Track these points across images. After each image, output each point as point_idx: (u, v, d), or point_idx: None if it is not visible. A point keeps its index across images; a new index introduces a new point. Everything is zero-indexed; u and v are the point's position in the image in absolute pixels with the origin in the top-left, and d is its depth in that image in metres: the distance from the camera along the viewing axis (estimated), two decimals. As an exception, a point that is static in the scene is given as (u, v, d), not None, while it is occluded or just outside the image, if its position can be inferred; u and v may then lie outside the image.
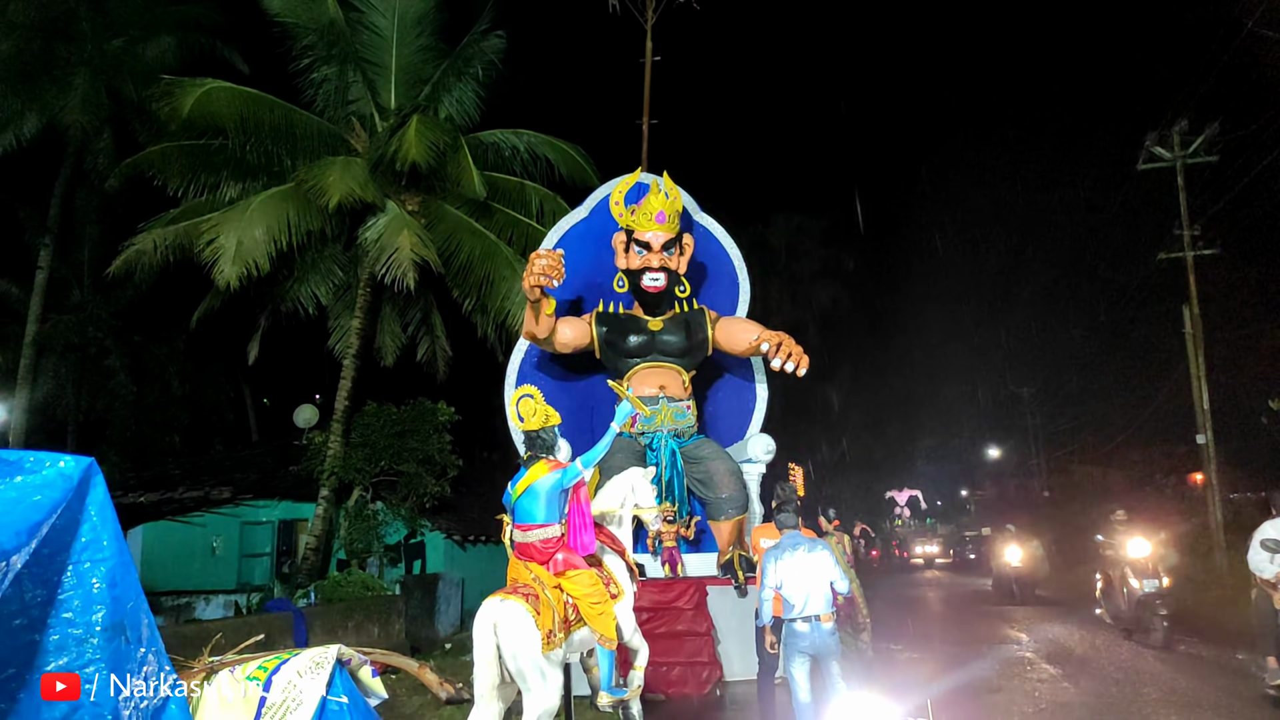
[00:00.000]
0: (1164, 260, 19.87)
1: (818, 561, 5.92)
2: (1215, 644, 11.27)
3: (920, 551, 35.51)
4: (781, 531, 6.25)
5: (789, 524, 6.24)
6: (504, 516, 5.18)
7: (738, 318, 11.08)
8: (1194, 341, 18.96)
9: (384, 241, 14.06)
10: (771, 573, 5.98)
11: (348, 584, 12.68)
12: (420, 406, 15.10)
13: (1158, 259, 20.08)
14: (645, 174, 11.31)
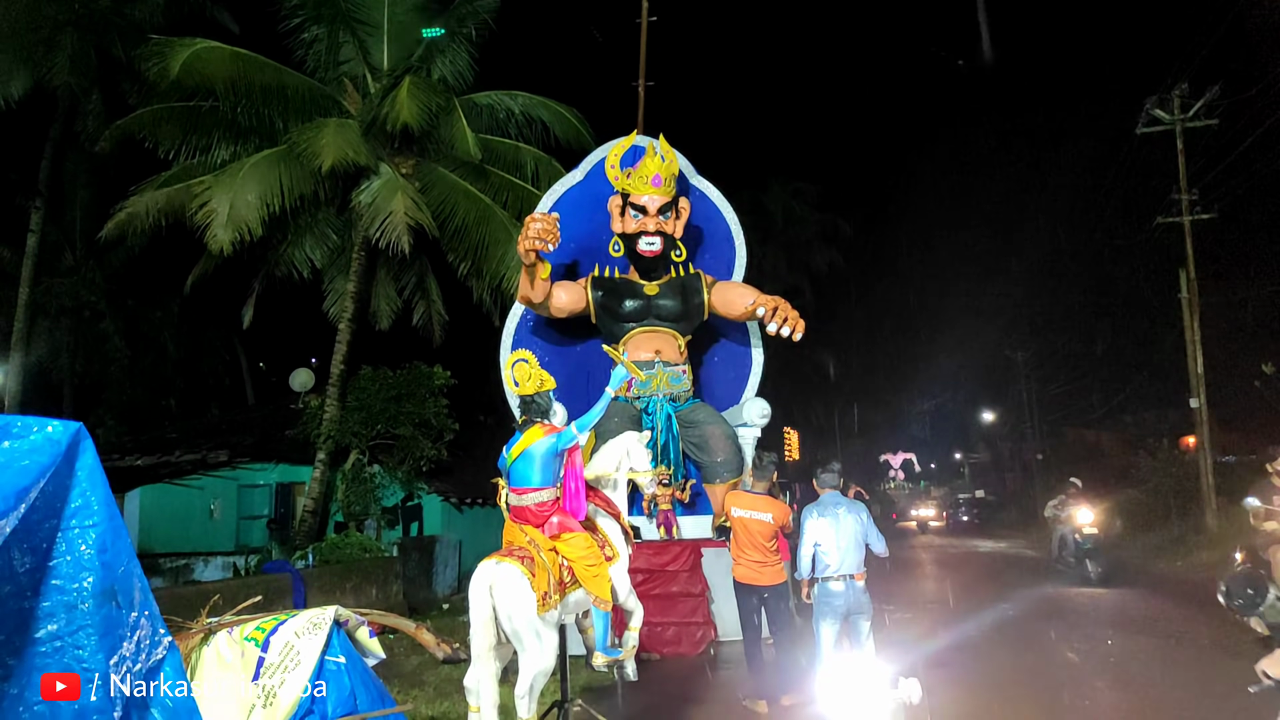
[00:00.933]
0: (1161, 225, 19.80)
1: (855, 522, 6.05)
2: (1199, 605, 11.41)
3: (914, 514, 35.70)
4: (822, 490, 6.34)
5: (830, 484, 6.33)
6: (499, 480, 5.18)
7: (734, 282, 11.04)
8: (1189, 306, 18.96)
9: (378, 205, 13.95)
10: (811, 529, 6.09)
11: (345, 546, 12.76)
12: (416, 371, 15.09)
13: (1155, 224, 20.01)
14: (641, 137, 11.20)
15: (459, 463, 16.39)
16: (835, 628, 6.07)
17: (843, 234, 33.37)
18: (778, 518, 6.59)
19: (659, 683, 7.65)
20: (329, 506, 15.00)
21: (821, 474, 6.41)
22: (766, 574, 6.63)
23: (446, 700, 6.90)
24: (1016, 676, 7.33)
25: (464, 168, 15.09)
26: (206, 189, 13.36)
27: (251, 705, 4.74)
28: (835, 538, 6.03)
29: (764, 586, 6.64)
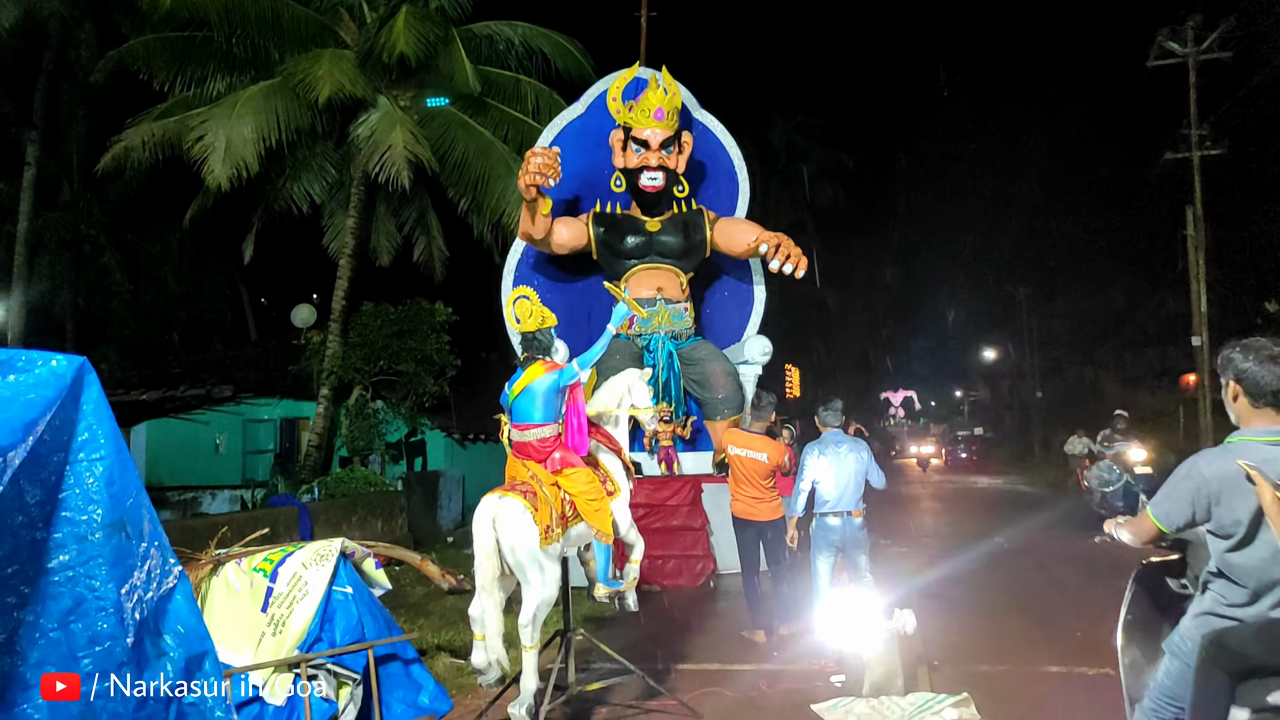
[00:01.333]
0: (1169, 161, 19.53)
1: (856, 460, 6.13)
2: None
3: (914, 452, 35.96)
4: (824, 429, 6.40)
5: (832, 422, 6.39)
6: (502, 416, 5.21)
7: (736, 219, 10.95)
8: (1195, 244, 18.81)
9: (376, 138, 13.77)
10: (810, 467, 6.18)
11: (350, 480, 12.92)
12: (417, 307, 15.08)
13: (1163, 159, 19.73)
14: (643, 69, 10.98)
15: (461, 399, 16.49)
16: (831, 562, 6.19)
17: (846, 169, 33.02)
18: (772, 457, 6.66)
19: (659, 613, 7.82)
20: (333, 441, 15.14)
21: (823, 412, 6.46)
22: (763, 509, 6.73)
23: (452, 629, 7.06)
24: (1008, 607, 7.49)
25: (463, 101, 14.86)
26: (203, 122, 13.18)
27: (261, 633, 4.86)
28: (835, 476, 6.11)
29: (761, 521, 6.74)
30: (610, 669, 5.43)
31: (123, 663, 1.92)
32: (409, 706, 5.09)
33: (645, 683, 5.20)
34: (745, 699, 5.37)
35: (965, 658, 6.03)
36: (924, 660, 5.60)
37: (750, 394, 10.24)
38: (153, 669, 2.00)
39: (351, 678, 4.85)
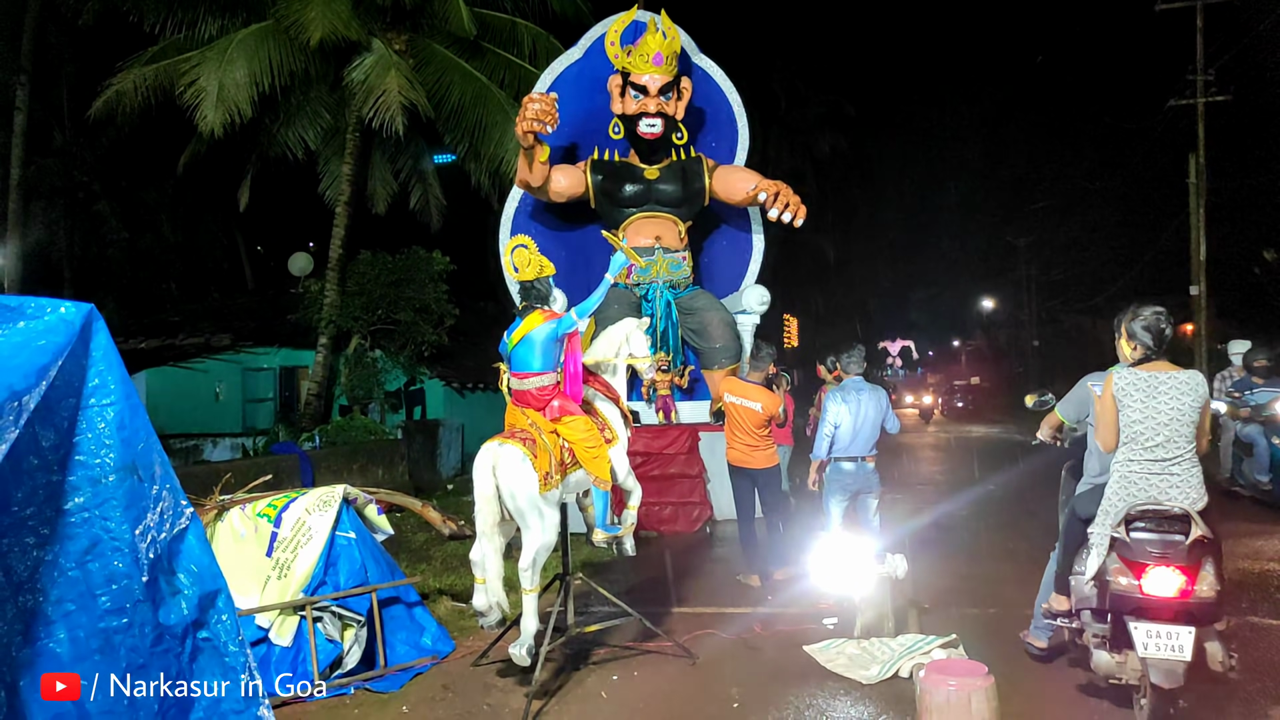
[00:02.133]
0: (1174, 107, 19.34)
1: (875, 407, 6.29)
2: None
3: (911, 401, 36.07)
4: (846, 375, 6.54)
5: (853, 370, 6.51)
6: (501, 365, 5.26)
7: (735, 166, 10.88)
8: (1197, 191, 18.72)
9: (370, 82, 13.58)
10: (832, 412, 6.31)
11: (351, 428, 13.02)
12: (415, 255, 15.05)
13: (1168, 105, 19.55)
14: (642, 12, 10.80)
15: (460, 348, 16.53)
16: (844, 504, 6.37)
17: (847, 116, 32.63)
18: (766, 407, 6.73)
19: (657, 558, 7.96)
20: (332, 390, 15.20)
21: (846, 359, 6.57)
22: (757, 457, 6.83)
23: (453, 574, 7.20)
24: (998, 552, 7.64)
25: (458, 44, 14.63)
26: (194, 66, 13.01)
27: (266, 577, 4.97)
28: (853, 421, 6.26)
29: (755, 469, 6.85)
30: (608, 612, 5.56)
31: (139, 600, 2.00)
32: (412, 648, 5.23)
33: (642, 625, 5.33)
34: (740, 641, 5.51)
35: (955, 601, 6.18)
36: (914, 603, 5.74)
37: (748, 343, 10.29)
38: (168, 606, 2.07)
39: (356, 620, 4.98)
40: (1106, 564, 4.08)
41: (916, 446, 20.85)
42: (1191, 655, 3.77)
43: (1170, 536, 3.94)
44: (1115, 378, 4.13)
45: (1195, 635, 3.80)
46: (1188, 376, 4.09)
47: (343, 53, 13.95)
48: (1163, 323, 4.12)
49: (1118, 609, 4.02)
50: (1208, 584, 3.90)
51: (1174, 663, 3.78)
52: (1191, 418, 4.03)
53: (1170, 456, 4.02)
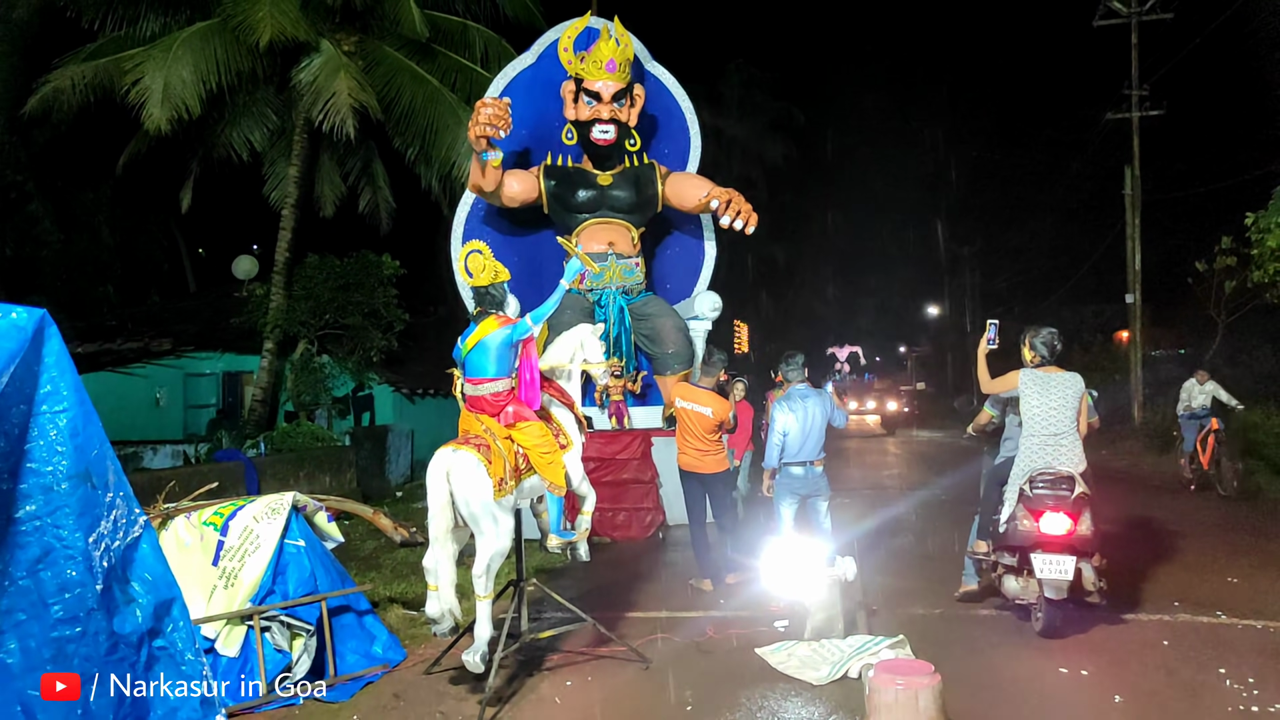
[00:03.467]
0: (1110, 121, 19.97)
1: (821, 412, 6.46)
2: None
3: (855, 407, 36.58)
4: (789, 384, 6.69)
5: (796, 377, 6.67)
6: (455, 370, 5.25)
7: (688, 174, 10.97)
8: (1132, 202, 19.34)
9: (319, 84, 13.43)
10: (780, 420, 6.43)
11: (297, 435, 12.84)
12: (364, 259, 14.89)
13: (1104, 119, 20.17)
14: (595, 19, 10.85)
15: (410, 353, 16.40)
16: (794, 508, 6.50)
17: (797, 123, 32.99)
18: (717, 412, 6.84)
19: (610, 564, 8.00)
20: (278, 396, 15.00)
21: (786, 368, 6.73)
22: (708, 462, 6.92)
23: (403, 581, 7.15)
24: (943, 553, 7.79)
25: (409, 46, 14.54)
26: (138, 64, 12.72)
27: (212, 587, 4.89)
28: (801, 427, 6.40)
29: (706, 474, 6.94)
30: (562, 617, 5.58)
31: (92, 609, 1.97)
32: (362, 656, 5.18)
33: (596, 630, 5.36)
34: (693, 644, 5.57)
35: (903, 602, 6.32)
36: (863, 605, 5.87)
37: (700, 349, 10.38)
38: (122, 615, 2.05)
39: (305, 629, 4.92)
40: (1015, 512, 5.51)
41: (865, 452, 21.18)
42: (1073, 577, 5.27)
43: (1060, 491, 5.42)
44: (1022, 376, 5.69)
45: (1075, 563, 5.28)
46: (1070, 377, 5.65)
47: (291, 53, 13.77)
48: (1055, 340, 5.78)
49: (1022, 545, 5.47)
50: (1086, 525, 5.37)
51: (1060, 581, 5.28)
52: (1074, 405, 5.55)
53: (1059, 433, 5.52)
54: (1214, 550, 8.11)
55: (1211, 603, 6.19)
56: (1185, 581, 6.85)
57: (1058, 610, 5.37)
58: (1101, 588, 5.41)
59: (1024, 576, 5.52)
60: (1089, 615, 5.68)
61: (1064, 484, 5.42)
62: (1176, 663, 5.01)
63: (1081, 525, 5.33)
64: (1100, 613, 5.73)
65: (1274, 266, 12.14)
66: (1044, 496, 5.41)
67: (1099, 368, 20.82)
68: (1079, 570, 5.30)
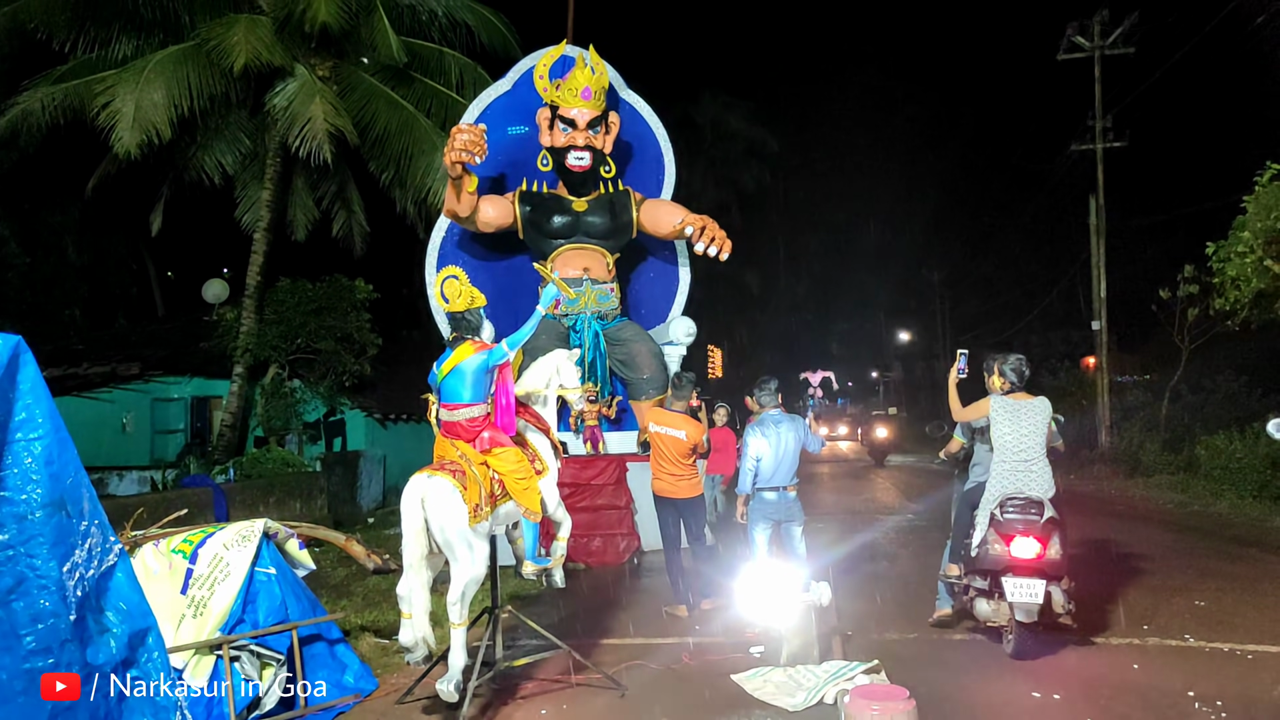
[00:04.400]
0: (1075, 152, 20.40)
1: (794, 438, 6.45)
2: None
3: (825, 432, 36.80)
4: (762, 409, 6.69)
5: (769, 403, 6.67)
6: (430, 396, 5.24)
7: (662, 200, 11.06)
8: (1097, 232, 19.74)
9: (295, 109, 13.41)
10: (753, 446, 6.44)
11: (267, 461, 12.70)
12: (337, 283, 14.84)
13: (1069, 150, 20.61)
14: (571, 47, 10.96)
15: (382, 378, 16.31)
16: (768, 533, 6.49)
17: (770, 150, 33.36)
18: (691, 436, 6.86)
19: (586, 590, 7.96)
20: (248, 421, 14.84)
21: (759, 393, 6.73)
22: (682, 487, 6.94)
23: (375, 610, 7.06)
24: (917, 578, 7.85)
25: (384, 72, 14.58)
26: (109, 87, 12.64)
27: (181, 616, 4.81)
28: (774, 453, 6.42)
29: (680, 499, 6.95)
30: (537, 645, 5.54)
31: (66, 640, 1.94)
32: (334, 686, 5.11)
33: (571, 658, 5.33)
34: (668, 670, 5.56)
35: (877, 627, 6.35)
36: (838, 631, 5.88)
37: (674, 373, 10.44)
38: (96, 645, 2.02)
39: (275, 659, 4.85)
40: (986, 536, 5.62)
41: (838, 476, 21.29)
42: (1043, 600, 5.33)
43: (1030, 516, 5.52)
44: (992, 403, 5.77)
45: (1045, 586, 5.35)
46: (1039, 402, 5.76)
47: (265, 78, 13.76)
48: (1023, 366, 5.91)
49: (993, 568, 5.57)
50: (1055, 550, 5.47)
51: (1031, 605, 5.34)
52: (1043, 430, 5.66)
53: (1029, 459, 5.63)
54: (1181, 573, 8.23)
55: (1179, 626, 6.29)
56: (1153, 605, 6.95)
57: (1029, 633, 5.45)
58: (1071, 610, 5.48)
59: (995, 600, 5.60)
60: (1060, 638, 5.76)
61: (1034, 509, 5.52)
62: (1147, 686, 5.07)
63: (1051, 549, 5.44)
64: (1071, 636, 5.81)
65: (1234, 294, 12.40)
66: (1014, 521, 5.51)
67: (1067, 393, 21.12)
68: (1049, 594, 5.36)
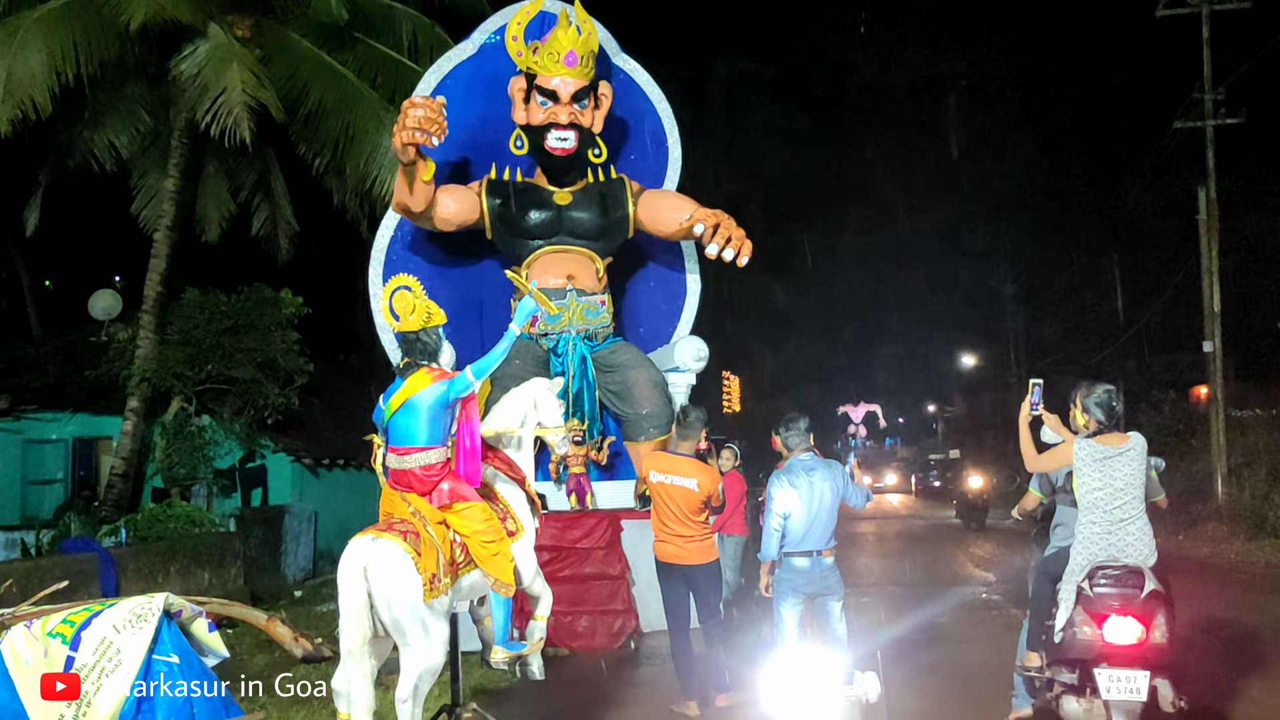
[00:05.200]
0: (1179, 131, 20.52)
1: (832, 490, 6.33)
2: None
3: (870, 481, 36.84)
4: (790, 452, 6.58)
5: (799, 445, 6.54)
6: (375, 437, 5.25)
7: (666, 191, 11.12)
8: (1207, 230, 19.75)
9: (206, 77, 13.50)
10: (779, 500, 6.31)
11: (168, 518, 12.69)
12: (258, 295, 14.89)
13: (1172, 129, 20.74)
14: (551, 1, 11.06)
15: (314, 413, 16.34)
16: (798, 610, 6.38)
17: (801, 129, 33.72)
18: (703, 486, 6.79)
19: (570, 683, 7.91)
20: (144, 468, 14.86)
21: (785, 433, 6.64)
22: (692, 551, 6.87)
23: (304, 708, 6.98)
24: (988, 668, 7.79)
25: (319, 33, 14.72)
26: (-28, 51, 12.71)
27: (59, 715, 4.77)
28: (806, 509, 6.29)
29: (690, 566, 6.88)
30: (509, 753, 5.50)
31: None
32: (252, 806, 5.06)
33: (553, 769, 5.29)
34: (676, 785, 5.50)
35: (939, 730, 6.29)
36: (891, 734, 5.83)
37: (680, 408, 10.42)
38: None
39: (178, 772, 4.81)
40: (1073, 617, 5.49)
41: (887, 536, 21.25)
42: (1147, 697, 5.20)
43: (1127, 589, 5.39)
44: (1076, 448, 5.60)
45: (1150, 678, 5.21)
46: (1134, 443, 5.58)
47: (171, 38, 13.87)
48: (1113, 400, 5.71)
49: (1083, 657, 5.45)
50: (1160, 632, 5.34)
51: (1132, 703, 5.21)
52: (1141, 480, 5.51)
53: (1125, 518, 5.49)
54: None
55: (1320, 727, 6.24)
56: (1286, 701, 6.89)
57: None
58: (1183, 709, 5.39)
59: (1086, 697, 5.49)
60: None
61: (1132, 580, 5.42)
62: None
63: (1155, 632, 5.33)
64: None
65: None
66: (1108, 596, 5.41)
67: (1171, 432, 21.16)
68: (1154, 688, 5.26)
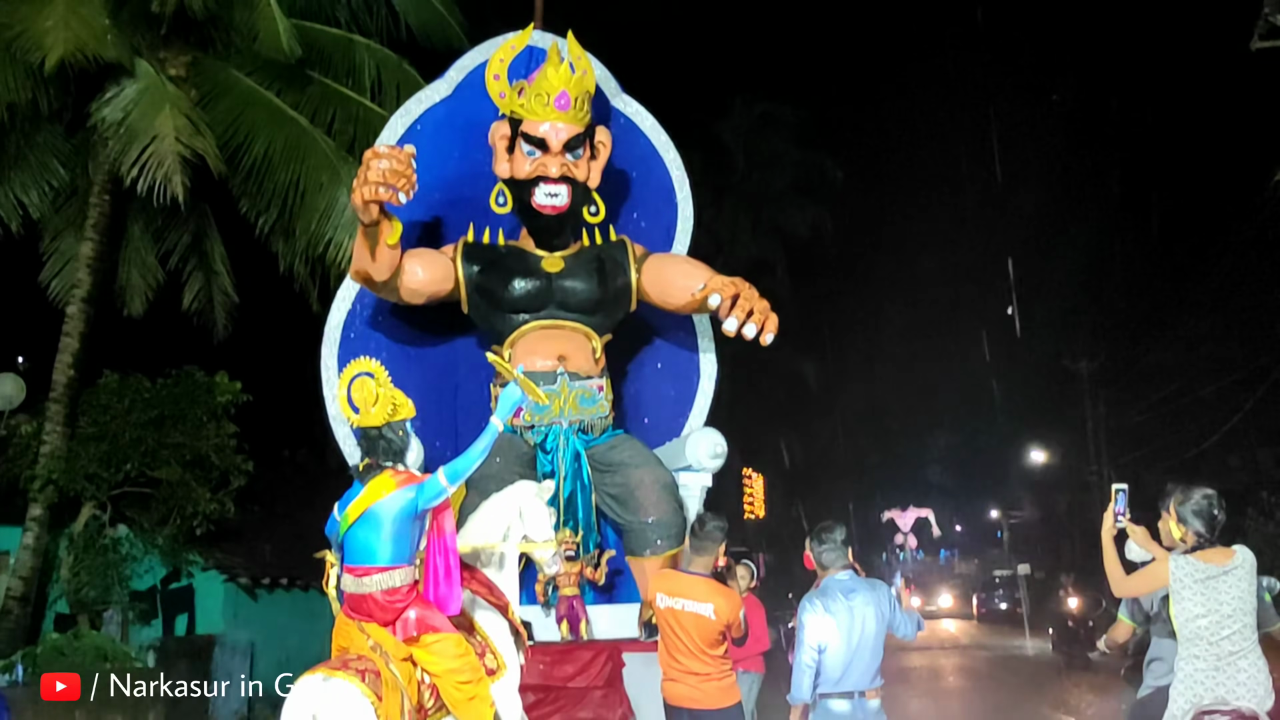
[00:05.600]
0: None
1: (876, 616, 6.26)
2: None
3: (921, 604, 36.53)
4: (825, 571, 6.50)
5: (834, 562, 6.47)
6: (328, 554, 5.24)
7: (675, 255, 11.19)
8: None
9: (133, 124, 13.73)
10: (813, 630, 6.23)
11: (74, 651, 12.61)
12: (188, 380, 14.98)
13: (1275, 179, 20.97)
14: (540, 33, 11.26)
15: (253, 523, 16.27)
16: None
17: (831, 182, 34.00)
18: (721, 612, 6.73)
19: None
20: (47, 591, 14.79)
21: (819, 547, 6.56)
22: (709, 692, 6.81)
23: None
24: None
25: (267, 71, 14.99)
26: None
27: None
28: (845, 640, 6.22)
29: (707, 711, 6.81)
30: None
31: None
32: None
33: None
34: None
35: None
36: None
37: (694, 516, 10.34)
38: None
39: None
40: None
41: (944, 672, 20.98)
42: None
43: None
44: (1172, 567, 5.55)
45: None
46: (1240, 558, 5.53)
47: (92, 80, 14.11)
48: (1214, 507, 5.67)
49: None
50: None
51: None
52: (1252, 604, 5.48)
53: (1235, 650, 5.42)
54: None
55: None
56: None
57: None
58: None
59: None
60: None
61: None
62: None
63: None
64: None
65: None
66: None
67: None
68: None
